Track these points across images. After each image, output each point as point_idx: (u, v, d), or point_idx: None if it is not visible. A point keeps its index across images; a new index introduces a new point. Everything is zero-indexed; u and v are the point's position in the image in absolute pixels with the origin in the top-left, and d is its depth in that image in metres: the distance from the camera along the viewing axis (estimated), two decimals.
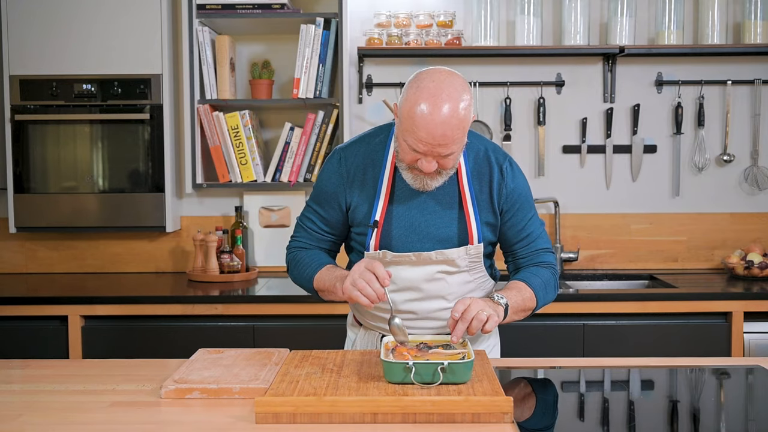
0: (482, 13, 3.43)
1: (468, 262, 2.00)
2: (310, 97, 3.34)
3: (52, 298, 3.02)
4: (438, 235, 1.98)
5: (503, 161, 2.04)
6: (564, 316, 2.99)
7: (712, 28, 3.43)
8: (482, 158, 2.03)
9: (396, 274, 1.97)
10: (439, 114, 1.79)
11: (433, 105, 1.79)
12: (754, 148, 3.57)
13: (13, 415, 1.65)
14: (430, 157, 1.84)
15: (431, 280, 1.99)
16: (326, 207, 2.06)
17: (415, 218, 1.98)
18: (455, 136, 1.82)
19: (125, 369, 1.99)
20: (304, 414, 1.58)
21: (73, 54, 3.31)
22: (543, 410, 1.75)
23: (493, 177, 2.01)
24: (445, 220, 1.98)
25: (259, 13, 3.30)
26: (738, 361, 2.26)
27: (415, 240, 1.98)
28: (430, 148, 1.82)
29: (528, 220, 2.06)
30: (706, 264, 3.61)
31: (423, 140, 1.81)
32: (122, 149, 3.35)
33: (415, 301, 2.00)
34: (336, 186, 2.03)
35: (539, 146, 3.57)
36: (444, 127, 1.79)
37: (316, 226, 2.08)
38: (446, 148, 1.83)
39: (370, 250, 1.99)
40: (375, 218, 1.97)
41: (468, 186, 1.99)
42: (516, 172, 2.05)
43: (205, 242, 3.34)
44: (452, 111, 1.79)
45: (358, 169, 2.01)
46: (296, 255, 2.09)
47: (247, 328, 2.98)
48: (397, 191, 1.99)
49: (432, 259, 1.97)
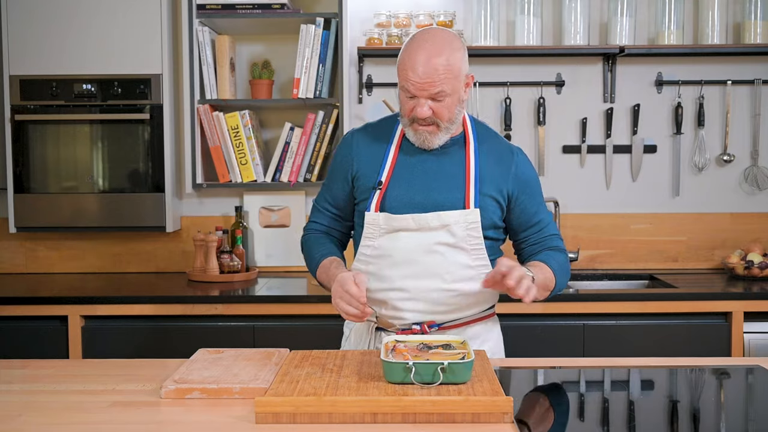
0: (482, 13, 3.43)
1: (465, 233, 2.00)
2: (310, 97, 3.34)
3: (52, 298, 3.02)
4: (439, 200, 2.01)
5: (513, 147, 2.13)
6: (564, 316, 2.99)
7: (712, 28, 3.43)
8: (490, 137, 2.12)
9: (394, 244, 2.01)
10: (424, 52, 1.91)
11: (418, 46, 1.93)
12: (754, 148, 3.57)
13: (13, 415, 1.65)
14: (422, 100, 1.92)
15: (429, 252, 2.00)
16: (335, 181, 2.14)
17: (418, 182, 2.03)
18: (441, 74, 1.90)
19: (125, 369, 1.99)
20: (304, 414, 1.58)
21: (73, 54, 3.31)
22: (544, 410, 1.75)
23: (502, 154, 2.08)
24: (448, 185, 2.02)
25: (259, 13, 3.30)
26: (738, 361, 2.26)
27: (415, 203, 2.01)
28: (419, 87, 1.91)
29: (539, 206, 2.12)
30: (706, 264, 3.61)
31: (411, 80, 1.91)
32: (122, 149, 3.35)
33: (410, 278, 2.00)
34: (345, 157, 2.12)
35: (539, 146, 3.57)
36: (429, 64, 1.90)
37: (326, 203, 2.17)
38: (434, 86, 1.90)
39: (371, 210, 2.03)
40: (380, 179, 2.03)
41: (474, 153, 2.05)
42: (526, 159, 2.14)
43: (205, 242, 3.34)
44: (438, 50, 1.91)
45: (367, 142, 2.10)
46: (307, 239, 2.19)
47: (247, 328, 2.98)
48: (402, 161, 2.05)
49: (429, 224, 1.99)
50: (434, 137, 2.00)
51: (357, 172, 2.08)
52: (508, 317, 2.96)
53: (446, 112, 1.96)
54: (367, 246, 2.05)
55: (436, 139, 2.00)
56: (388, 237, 2.03)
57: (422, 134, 1.99)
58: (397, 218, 2.01)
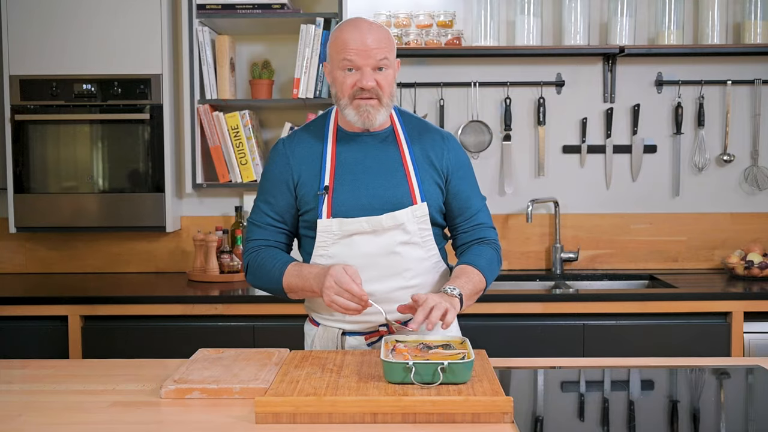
0: (482, 13, 3.43)
1: (417, 227, 2.02)
2: (310, 97, 3.34)
3: (52, 298, 3.02)
4: (387, 198, 2.01)
5: (443, 132, 2.16)
6: (564, 316, 2.99)
7: (712, 28, 3.43)
8: (419, 125, 2.13)
9: (351, 250, 2.00)
10: (365, 25, 1.97)
11: (354, 24, 1.97)
12: (754, 148, 3.57)
13: (13, 415, 1.65)
14: (367, 70, 1.94)
15: (388, 254, 2.00)
16: (275, 193, 2.07)
17: (363, 183, 2.02)
18: (384, 43, 1.95)
19: (125, 369, 1.99)
20: (304, 414, 1.58)
21: (73, 54, 3.31)
22: (544, 410, 1.75)
23: (434, 140, 2.10)
24: (392, 182, 2.02)
25: (259, 13, 3.30)
26: (738, 361, 2.26)
27: (365, 205, 2.00)
28: (364, 55, 1.93)
29: (470, 191, 2.13)
30: (706, 264, 3.61)
31: (355, 48, 1.93)
32: (122, 149, 3.35)
33: (373, 281, 1.98)
34: (282, 168, 2.07)
35: (539, 146, 3.57)
36: (371, 31, 1.95)
37: (268, 218, 2.07)
38: (379, 52, 1.94)
39: (323, 217, 2.00)
40: (324, 184, 2.01)
41: (407, 144, 2.06)
42: (458, 144, 2.15)
43: (205, 242, 3.34)
44: (376, 25, 1.98)
45: (301, 148, 2.07)
46: (255, 257, 2.06)
47: (247, 328, 2.98)
48: (342, 161, 2.04)
49: (383, 225, 1.99)
50: (377, 112, 1.98)
51: (298, 180, 2.04)
52: (507, 317, 2.97)
53: (387, 85, 1.97)
54: (321, 255, 2.02)
55: (378, 115, 1.98)
56: (342, 243, 2.00)
57: (365, 108, 1.96)
58: (351, 222, 1.99)
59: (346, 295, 1.85)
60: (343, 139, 2.06)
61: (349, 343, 2.06)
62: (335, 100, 2.03)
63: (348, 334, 2.06)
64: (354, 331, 2.06)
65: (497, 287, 3.39)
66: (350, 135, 2.06)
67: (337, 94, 2.00)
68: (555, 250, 3.54)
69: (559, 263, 3.53)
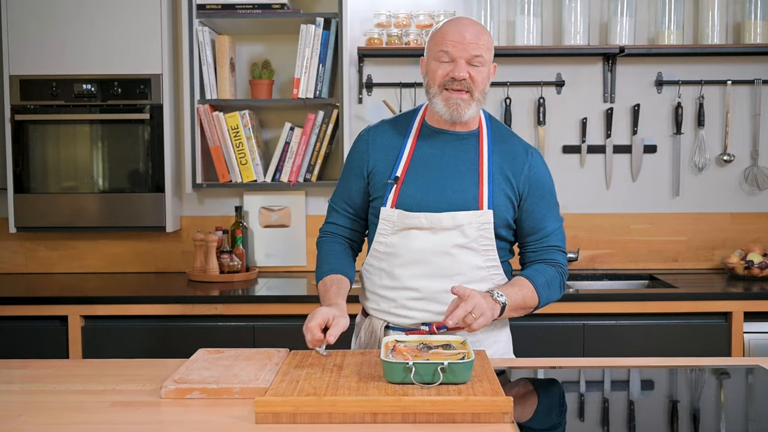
0: (482, 13, 3.42)
1: (477, 234, 1.99)
2: (310, 97, 3.34)
3: (52, 298, 3.02)
4: (453, 199, 2.00)
5: (529, 146, 2.11)
6: (564, 316, 2.99)
7: (712, 28, 3.43)
8: (506, 133, 2.11)
9: (406, 243, 2.01)
10: (466, 19, 2.01)
11: (458, 20, 2.01)
12: (754, 148, 3.57)
13: (13, 415, 1.65)
14: (461, 62, 1.95)
15: (442, 254, 2.00)
16: (350, 179, 2.13)
17: (433, 180, 2.02)
18: (482, 41, 1.97)
19: (125, 369, 1.99)
20: (304, 414, 1.58)
21: (73, 54, 3.31)
22: (545, 410, 1.75)
23: (516, 153, 2.06)
24: (463, 184, 2.01)
25: (259, 13, 3.30)
26: (738, 361, 2.26)
27: (430, 201, 2.00)
28: (461, 48, 1.95)
29: (547, 212, 2.09)
30: (706, 264, 3.61)
31: (453, 41, 1.95)
32: (122, 149, 3.35)
33: (422, 277, 2.00)
34: (360, 154, 2.11)
35: (539, 146, 3.57)
36: (472, 27, 1.98)
37: (342, 202, 2.16)
38: (476, 48, 1.95)
39: (387, 206, 2.02)
40: (396, 174, 2.03)
41: (487, 151, 2.04)
42: (542, 162, 2.11)
43: (205, 242, 3.34)
44: (479, 25, 2.01)
45: (383, 138, 2.10)
46: (320, 244, 2.17)
47: (247, 328, 2.98)
48: (419, 154, 2.05)
49: (442, 223, 1.98)
50: (466, 106, 1.98)
51: (373, 168, 2.08)
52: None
53: (481, 80, 1.98)
54: (380, 243, 2.06)
55: (467, 109, 1.98)
56: (400, 235, 2.02)
57: (454, 101, 1.97)
58: (411, 216, 2.00)
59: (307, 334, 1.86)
60: (426, 133, 2.08)
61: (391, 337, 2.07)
62: (426, 91, 2.04)
63: (391, 328, 2.08)
64: (397, 324, 2.06)
65: None
66: (434, 130, 2.07)
67: (428, 84, 2.01)
68: None
69: None
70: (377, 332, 2.08)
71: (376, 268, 2.08)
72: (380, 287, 2.07)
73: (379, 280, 2.07)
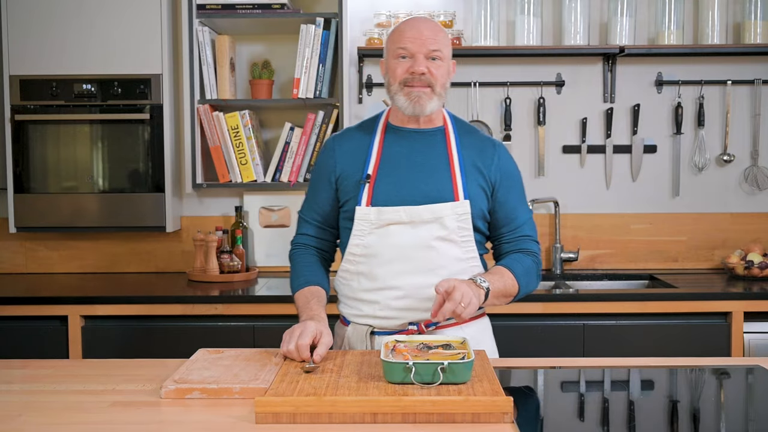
0: (482, 13, 3.43)
1: (456, 225, 2.01)
2: (310, 97, 3.34)
3: (52, 298, 3.02)
4: (428, 192, 2.01)
5: (494, 140, 2.16)
6: (564, 316, 2.99)
7: (712, 28, 3.44)
8: (470, 129, 2.14)
9: (386, 241, 2.01)
10: (422, 18, 2.07)
11: (414, 19, 2.06)
12: (754, 148, 3.57)
13: (13, 415, 1.65)
14: (420, 57, 1.98)
15: (424, 247, 2.00)
16: (319, 188, 2.13)
17: (405, 175, 2.03)
18: (440, 36, 2.01)
19: (125, 369, 1.99)
20: (304, 414, 1.58)
21: (73, 54, 3.31)
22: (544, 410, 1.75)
23: (484, 146, 2.10)
24: (436, 178, 2.03)
25: (259, 13, 3.30)
26: (738, 361, 2.26)
27: (405, 197, 2.01)
28: (419, 43, 1.98)
29: (518, 203, 2.11)
30: (706, 264, 3.61)
31: (411, 37, 1.99)
32: (122, 149, 3.35)
33: (404, 274, 2.00)
34: (326, 162, 2.12)
35: (539, 146, 3.57)
36: (428, 23, 2.02)
37: (312, 212, 2.15)
38: (434, 43, 1.99)
39: (362, 205, 2.01)
40: (367, 173, 2.03)
41: (456, 144, 2.07)
42: (508, 154, 2.14)
43: (205, 242, 3.34)
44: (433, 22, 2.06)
45: (349, 144, 2.11)
46: (293, 256, 2.18)
47: (247, 328, 2.98)
48: (388, 153, 2.06)
49: (421, 216, 1.99)
50: (428, 100, 2.00)
51: (340, 173, 2.08)
52: (508, 317, 2.97)
53: (440, 75, 2.01)
54: (357, 245, 2.04)
55: (429, 103, 2.01)
56: (378, 233, 2.02)
57: (416, 95, 1.99)
58: (389, 211, 2.00)
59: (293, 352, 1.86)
60: (392, 133, 2.09)
61: (378, 342, 2.05)
62: (387, 90, 2.07)
63: (377, 333, 2.06)
64: (383, 328, 2.05)
65: None
66: (399, 129, 2.09)
67: (389, 82, 2.05)
68: (555, 250, 3.54)
69: (559, 263, 3.53)
70: (364, 339, 2.06)
71: (353, 273, 2.07)
72: (360, 291, 2.06)
73: (358, 284, 2.06)
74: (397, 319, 2.03)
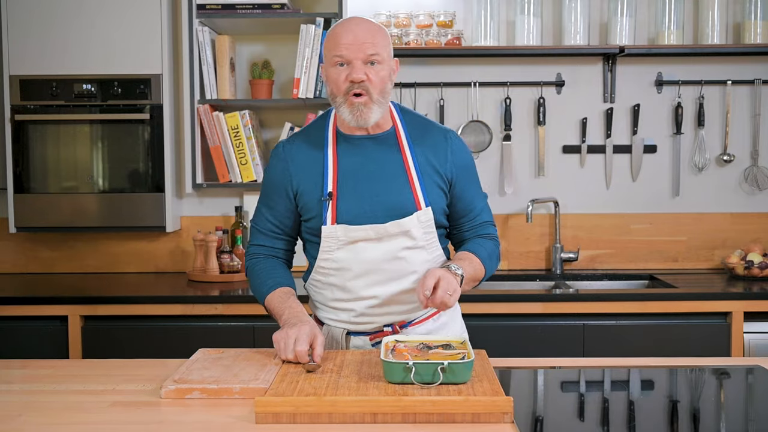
0: (482, 13, 3.43)
1: (422, 232, 2.00)
2: (310, 97, 3.34)
3: (52, 298, 3.02)
4: (391, 205, 1.99)
5: (446, 131, 2.10)
6: (564, 316, 2.99)
7: (712, 28, 3.44)
8: (421, 123, 2.09)
9: (355, 257, 1.99)
10: (355, 19, 1.97)
11: (349, 21, 1.97)
12: (754, 148, 3.57)
13: (13, 415, 1.65)
14: (357, 63, 1.91)
15: (392, 259, 1.99)
16: (275, 199, 2.07)
17: (366, 189, 1.99)
18: (377, 37, 1.93)
19: (125, 369, 1.99)
20: (304, 414, 1.58)
21: (73, 54, 3.31)
22: (544, 410, 1.75)
23: (436, 141, 2.06)
24: (395, 187, 2.00)
25: (259, 13, 3.30)
26: (738, 361, 2.26)
27: (368, 212, 1.98)
28: (354, 48, 1.90)
29: (475, 192, 2.11)
30: (706, 264, 3.61)
31: (347, 43, 1.91)
32: (122, 149, 3.35)
33: (377, 285, 2.00)
34: (281, 174, 2.06)
35: (539, 146, 3.57)
36: (363, 24, 1.94)
37: (269, 223, 2.09)
38: (371, 47, 1.91)
39: (327, 224, 1.99)
40: (328, 190, 1.99)
41: (408, 148, 2.03)
42: (461, 143, 2.10)
43: (205, 242, 3.34)
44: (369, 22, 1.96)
45: (301, 155, 2.05)
46: (254, 265, 2.11)
47: (247, 328, 2.98)
48: (344, 166, 2.01)
49: (388, 232, 1.98)
50: (369, 110, 1.93)
51: (298, 188, 2.03)
52: (507, 317, 2.97)
53: (379, 81, 1.93)
54: (326, 259, 2.02)
55: (370, 113, 1.94)
56: (346, 249, 2.00)
57: (357, 107, 1.92)
58: (357, 229, 1.98)
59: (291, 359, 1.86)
60: (344, 142, 2.03)
61: (353, 343, 2.06)
62: (331, 100, 1.99)
63: (352, 334, 2.06)
64: (358, 331, 2.06)
65: (497, 287, 3.40)
66: (350, 138, 2.03)
67: (333, 92, 1.97)
68: (555, 250, 3.54)
69: (559, 263, 3.53)
70: (338, 340, 2.06)
71: (324, 284, 2.06)
72: (333, 300, 2.05)
73: (331, 294, 2.05)
74: (372, 323, 2.05)
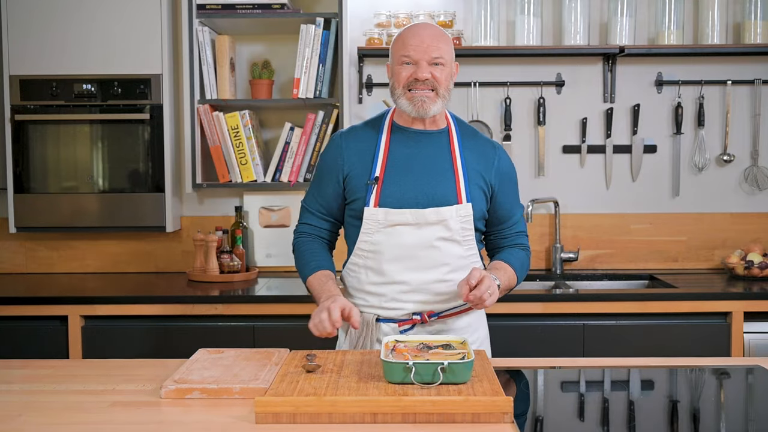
0: (482, 13, 3.43)
1: (459, 226, 2.10)
2: (310, 97, 3.34)
3: (52, 298, 3.02)
4: (433, 194, 2.09)
5: (494, 142, 2.25)
6: (564, 316, 2.99)
7: (712, 28, 3.44)
8: (472, 131, 2.22)
9: (392, 239, 2.09)
10: (425, 26, 2.11)
11: (417, 25, 2.12)
12: (754, 148, 3.57)
13: (13, 415, 1.65)
14: (423, 63, 2.05)
15: (428, 247, 2.09)
16: (325, 181, 2.19)
17: (411, 177, 2.10)
18: (442, 41, 2.08)
19: (125, 369, 1.99)
20: (304, 414, 1.58)
21: (73, 54, 3.31)
22: (544, 411, 1.75)
23: (485, 148, 2.19)
24: (440, 180, 2.11)
25: (259, 13, 3.30)
26: (738, 361, 2.26)
27: (411, 198, 2.09)
28: (421, 50, 2.05)
29: (514, 202, 2.24)
30: (706, 264, 3.61)
31: (414, 45, 2.06)
32: (122, 149, 3.35)
33: (410, 271, 2.09)
34: (334, 159, 2.17)
35: (539, 146, 3.57)
36: (429, 30, 2.09)
37: (316, 204, 2.21)
38: (436, 50, 2.06)
39: (370, 206, 2.09)
40: (375, 174, 2.10)
41: (459, 148, 2.14)
42: (507, 155, 2.24)
43: (205, 242, 3.34)
44: (436, 28, 2.12)
45: (356, 142, 2.17)
46: (301, 245, 2.22)
47: (247, 328, 2.98)
48: (394, 154, 2.13)
49: (427, 218, 2.07)
50: (431, 103, 2.08)
51: (348, 173, 2.14)
52: (508, 317, 2.97)
53: (444, 79, 2.08)
54: (365, 241, 2.12)
55: (433, 105, 2.08)
56: (385, 232, 2.09)
57: (419, 99, 2.06)
58: (396, 213, 2.08)
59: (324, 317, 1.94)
60: (398, 133, 2.15)
61: (383, 330, 2.13)
62: (391, 93, 2.13)
63: (382, 321, 2.13)
64: (388, 317, 2.13)
65: None
66: (405, 130, 2.15)
67: (393, 86, 2.11)
68: (555, 250, 3.54)
69: (559, 263, 3.53)
70: (369, 324, 2.13)
71: (361, 267, 2.15)
72: (368, 284, 2.14)
73: (366, 278, 2.14)
74: (402, 309, 2.12)
